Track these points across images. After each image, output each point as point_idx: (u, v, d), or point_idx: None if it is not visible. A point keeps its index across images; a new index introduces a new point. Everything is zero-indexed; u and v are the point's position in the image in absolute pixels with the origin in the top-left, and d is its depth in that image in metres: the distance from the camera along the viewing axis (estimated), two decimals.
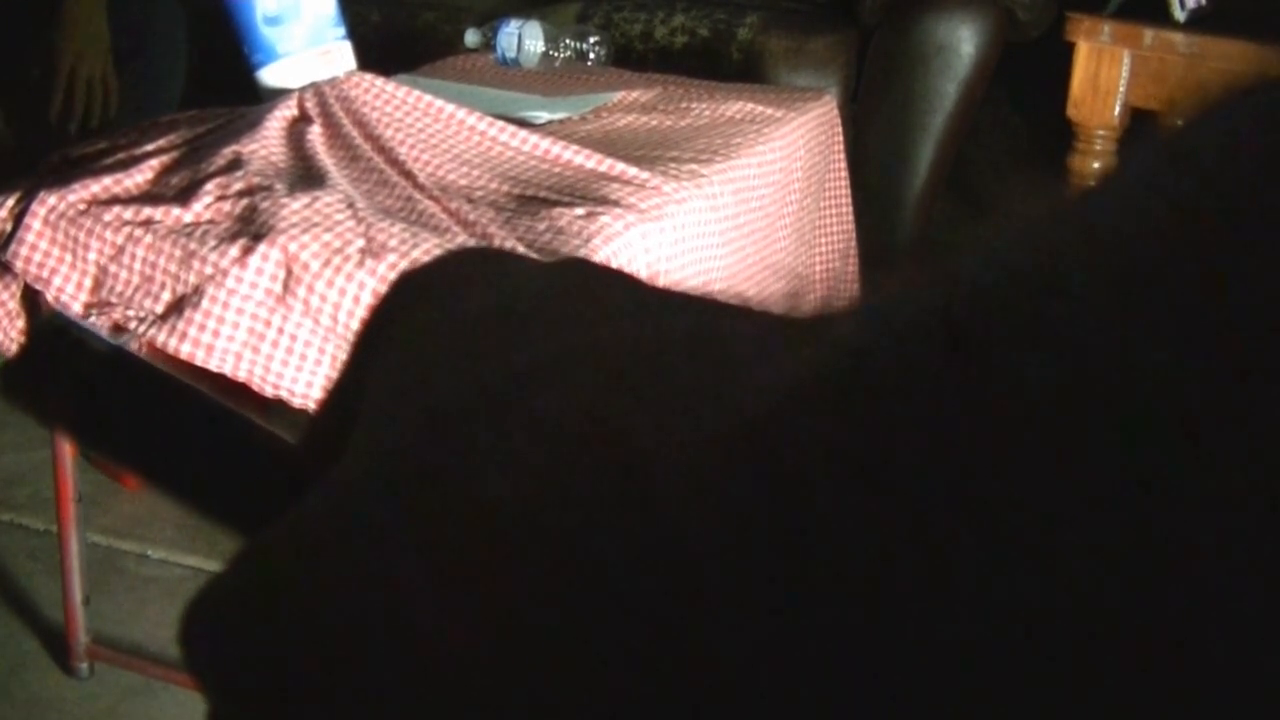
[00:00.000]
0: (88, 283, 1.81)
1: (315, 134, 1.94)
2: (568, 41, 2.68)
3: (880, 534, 0.22)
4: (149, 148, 1.93)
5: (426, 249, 1.65)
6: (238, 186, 1.79)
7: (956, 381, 0.22)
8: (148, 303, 1.76)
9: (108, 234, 1.78)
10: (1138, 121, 2.22)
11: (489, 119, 2.02)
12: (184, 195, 1.80)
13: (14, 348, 1.97)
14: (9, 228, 1.84)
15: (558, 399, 0.27)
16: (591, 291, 0.34)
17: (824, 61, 3.32)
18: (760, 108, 2.38)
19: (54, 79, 2.83)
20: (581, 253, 1.67)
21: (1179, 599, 0.20)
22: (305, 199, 1.74)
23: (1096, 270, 0.22)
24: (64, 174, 1.87)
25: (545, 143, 1.99)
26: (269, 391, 1.71)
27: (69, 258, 1.81)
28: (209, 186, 1.79)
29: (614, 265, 1.69)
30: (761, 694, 0.22)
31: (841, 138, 2.60)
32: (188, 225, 1.75)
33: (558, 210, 1.78)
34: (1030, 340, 0.22)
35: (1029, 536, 0.21)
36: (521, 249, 1.65)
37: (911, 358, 0.23)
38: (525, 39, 2.65)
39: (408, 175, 1.86)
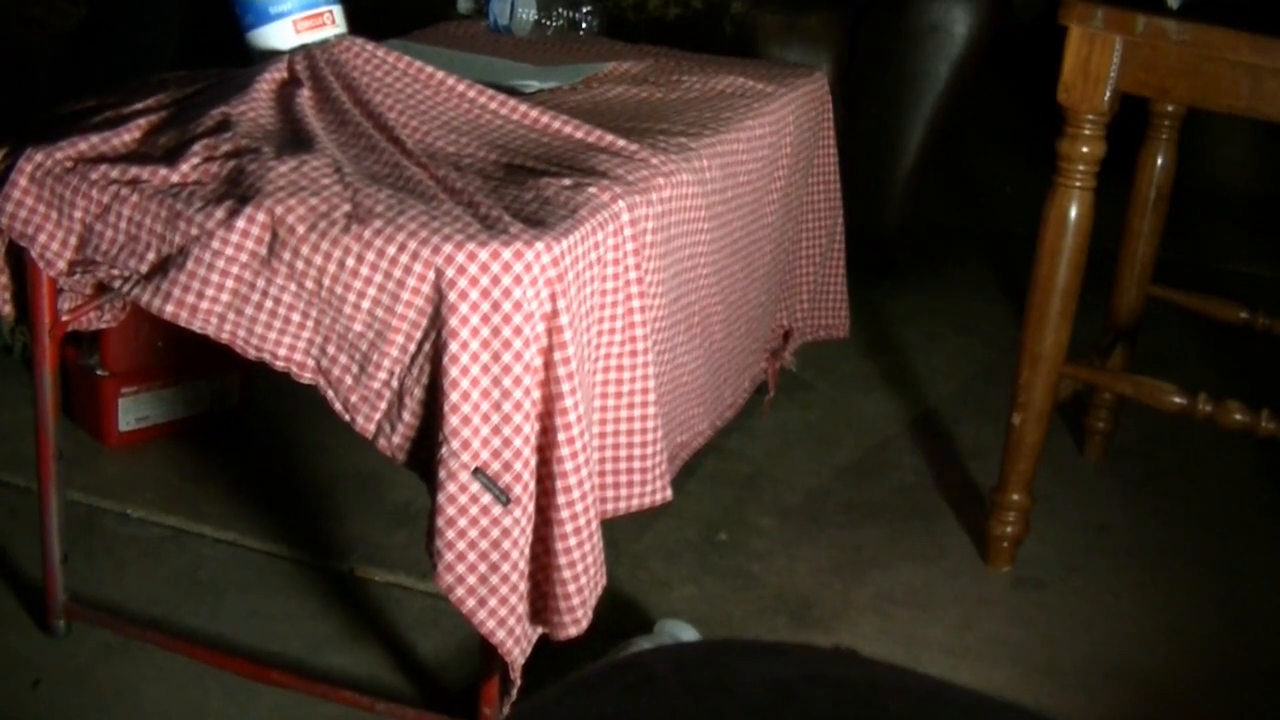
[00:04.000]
0: (73, 240, 1.81)
1: (304, 97, 1.94)
2: (560, 10, 2.68)
3: None
4: (137, 106, 1.93)
5: (412, 215, 1.65)
6: (225, 148, 1.79)
7: None
8: (132, 262, 1.76)
9: (94, 192, 1.78)
10: (1127, 107, 2.22)
11: (479, 86, 2.02)
12: (171, 155, 1.79)
13: None
14: None
15: None
16: None
17: (816, 38, 3.32)
18: (751, 82, 2.38)
19: None
20: (567, 223, 1.67)
21: None
22: (292, 162, 1.74)
23: None
24: (51, 131, 1.86)
25: (534, 112, 1.99)
26: (251, 354, 1.71)
27: (54, 215, 1.81)
28: (196, 147, 1.78)
29: (600, 236, 1.69)
30: None
31: (832, 115, 2.59)
32: (174, 185, 1.75)
33: (545, 180, 1.78)
34: None
35: None
36: (508, 218, 1.65)
37: None
38: (518, 7, 2.65)
39: (396, 141, 1.86)
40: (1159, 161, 2.65)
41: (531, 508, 1.64)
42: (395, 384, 1.66)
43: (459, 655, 2.09)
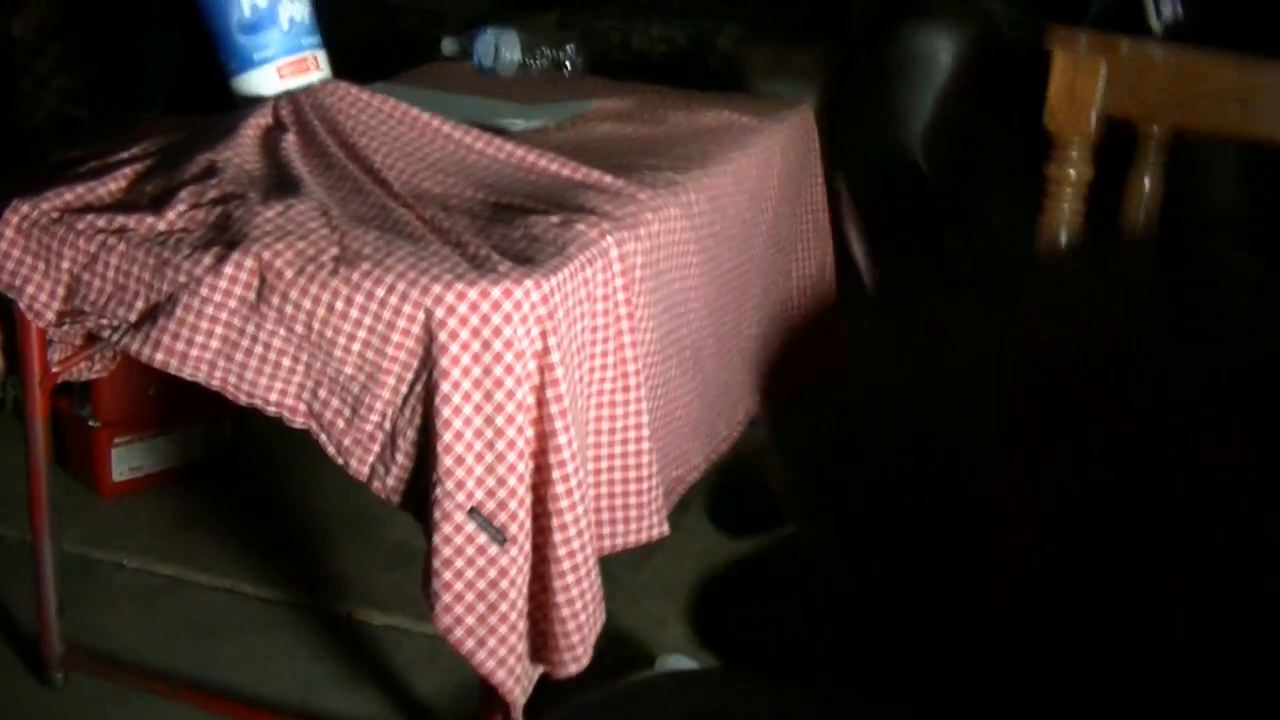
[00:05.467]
0: (61, 291, 1.81)
1: (290, 142, 1.94)
2: (545, 50, 2.68)
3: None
4: (123, 155, 1.93)
5: (401, 256, 1.65)
6: (212, 194, 1.79)
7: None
8: (121, 311, 1.75)
9: (81, 242, 1.78)
10: (1113, 131, 2.22)
11: (465, 127, 2.02)
12: (158, 203, 1.79)
13: None
14: None
15: None
16: None
17: (803, 72, 3.32)
18: (737, 117, 2.38)
19: None
20: (556, 260, 1.66)
21: None
22: (279, 207, 1.74)
23: None
24: (37, 181, 1.86)
25: (521, 150, 1.99)
26: (243, 400, 1.70)
27: (42, 266, 1.80)
28: (183, 194, 1.78)
29: (589, 272, 1.69)
30: None
31: (819, 147, 2.60)
32: (161, 233, 1.75)
33: (533, 218, 1.78)
34: None
35: None
36: (496, 256, 1.65)
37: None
38: (502, 47, 2.65)
39: (382, 183, 1.86)
40: (1147, 185, 2.65)
41: (528, 546, 1.64)
42: (388, 426, 1.65)
43: (458, 696, 2.08)
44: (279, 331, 1.67)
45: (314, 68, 2.09)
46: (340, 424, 1.67)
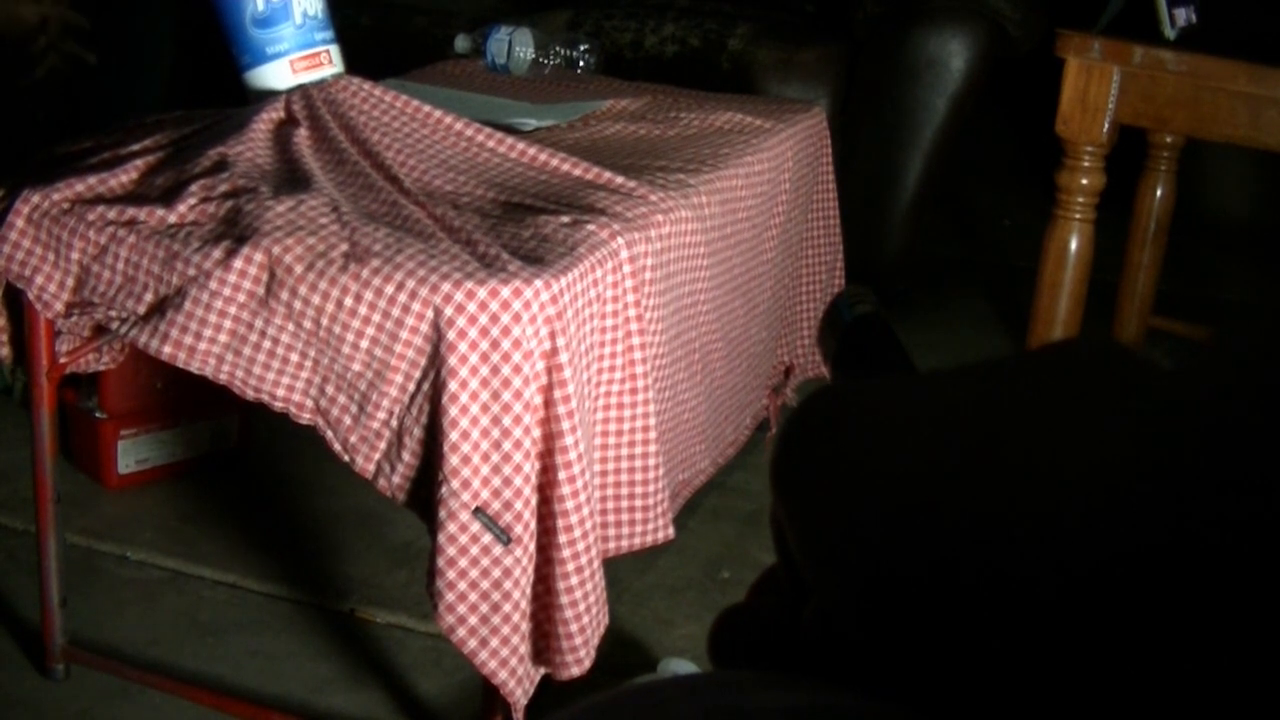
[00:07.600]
0: (70, 282, 1.80)
1: (301, 137, 1.94)
2: (557, 49, 2.68)
3: None
4: (134, 147, 1.93)
5: (411, 254, 1.64)
6: (222, 188, 1.79)
7: None
8: (130, 303, 1.75)
9: (91, 233, 1.78)
10: (1125, 138, 2.22)
11: (476, 125, 2.01)
12: (168, 196, 1.79)
13: None
14: None
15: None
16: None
17: (814, 73, 3.32)
18: (749, 118, 2.38)
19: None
20: (566, 261, 1.66)
21: None
22: (290, 202, 1.74)
23: None
24: (48, 172, 1.86)
25: (532, 149, 1.99)
26: (250, 395, 1.70)
27: (51, 256, 1.80)
28: (193, 188, 1.78)
29: (599, 274, 1.68)
30: None
31: (830, 150, 2.59)
32: (171, 226, 1.75)
33: (543, 218, 1.78)
34: None
35: None
36: (506, 256, 1.64)
37: None
38: (515, 46, 2.65)
39: (393, 180, 1.86)
40: (1158, 192, 2.65)
41: (533, 547, 1.63)
42: (394, 424, 1.65)
43: (460, 696, 2.08)
44: (287, 327, 1.67)
45: (327, 63, 2.08)
46: (347, 421, 1.67)
